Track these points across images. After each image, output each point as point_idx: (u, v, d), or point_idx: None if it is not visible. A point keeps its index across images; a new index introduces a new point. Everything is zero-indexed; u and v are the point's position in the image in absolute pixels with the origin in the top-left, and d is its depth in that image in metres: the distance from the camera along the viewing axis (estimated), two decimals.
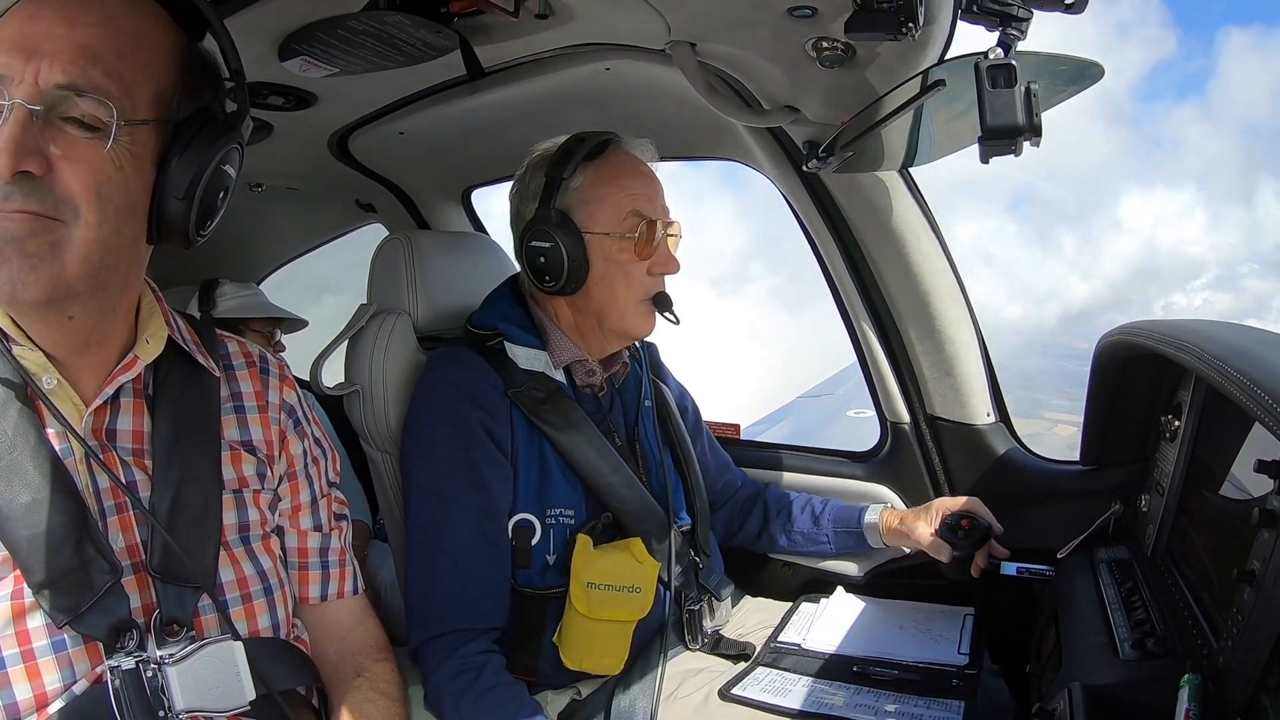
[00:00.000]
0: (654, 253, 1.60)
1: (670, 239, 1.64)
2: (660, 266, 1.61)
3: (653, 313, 1.63)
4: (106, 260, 0.96)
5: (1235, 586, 1.00)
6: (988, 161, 1.08)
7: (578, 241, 1.56)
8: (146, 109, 0.96)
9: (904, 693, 1.53)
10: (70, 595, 0.95)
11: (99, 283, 0.98)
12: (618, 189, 1.58)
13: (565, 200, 1.58)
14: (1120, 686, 1.15)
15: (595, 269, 1.58)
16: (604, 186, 1.58)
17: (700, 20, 1.31)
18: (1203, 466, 1.37)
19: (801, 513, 1.95)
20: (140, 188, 0.97)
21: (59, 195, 0.91)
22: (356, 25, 1.36)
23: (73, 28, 0.91)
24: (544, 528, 1.54)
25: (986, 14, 0.98)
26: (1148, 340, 1.36)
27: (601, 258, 1.57)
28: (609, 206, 1.57)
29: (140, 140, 0.96)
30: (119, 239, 0.97)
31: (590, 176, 1.58)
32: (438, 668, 1.42)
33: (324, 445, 1.34)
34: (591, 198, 1.57)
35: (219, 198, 1.05)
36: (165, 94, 0.98)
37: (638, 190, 1.59)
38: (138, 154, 0.96)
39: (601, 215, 1.57)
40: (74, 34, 0.91)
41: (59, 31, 0.90)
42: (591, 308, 1.62)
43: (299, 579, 1.27)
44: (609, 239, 1.57)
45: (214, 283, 2.80)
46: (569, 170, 1.57)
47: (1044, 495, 1.88)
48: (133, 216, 0.98)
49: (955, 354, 1.86)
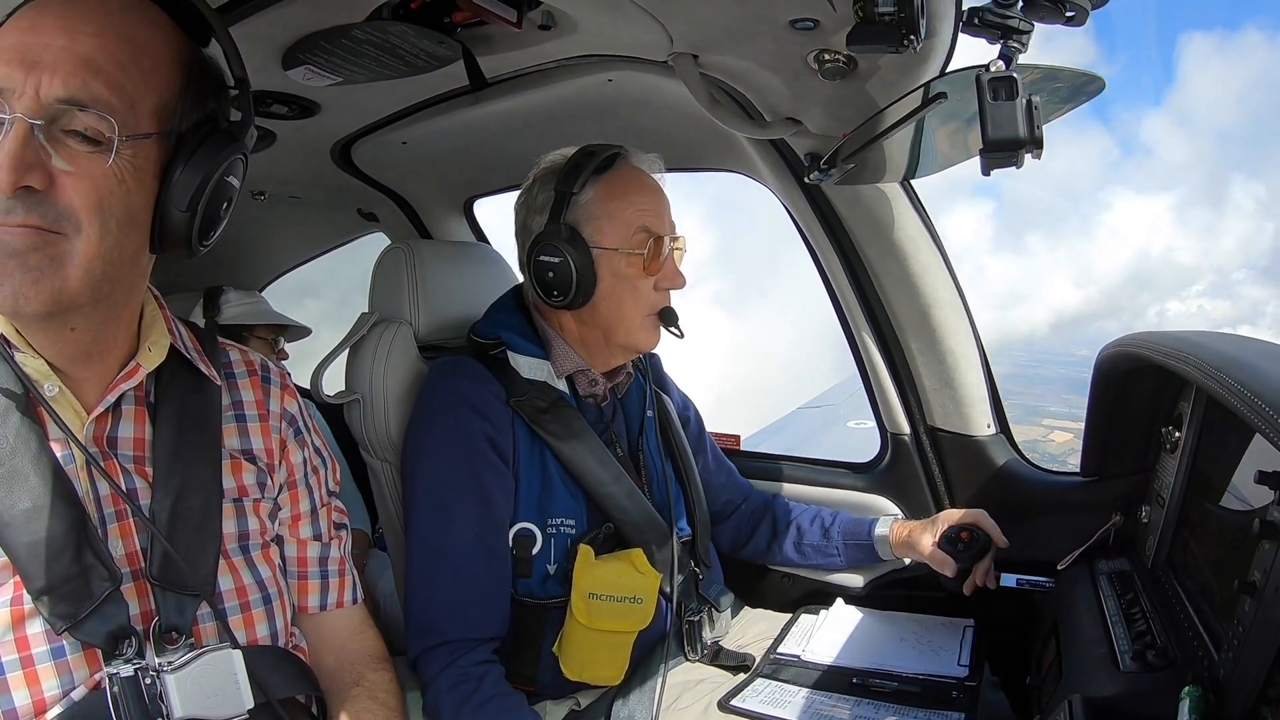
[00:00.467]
0: (661, 268, 1.60)
1: (676, 253, 1.64)
2: (667, 282, 1.61)
3: (658, 327, 1.63)
4: (108, 273, 0.95)
5: (1236, 598, 1.00)
6: (989, 173, 1.09)
7: (586, 257, 1.55)
8: (149, 121, 0.96)
9: (904, 704, 1.52)
10: (69, 602, 0.95)
11: (101, 295, 0.97)
12: (626, 204, 1.57)
13: (574, 215, 1.58)
14: (1121, 699, 1.15)
15: (603, 284, 1.57)
16: (613, 202, 1.57)
17: (703, 32, 1.31)
18: (1203, 478, 1.37)
19: (811, 525, 1.94)
20: (142, 200, 0.97)
21: (60, 209, 0.90)
22: (360, 35, 1.37)
23: (73, 39, 0.90)
24: (545, 537, 1.54)
25: (988, 27, 0.99)
26: (1148, 352, 1.36)
27: (609, 273, 1.57)
28: (618, 222, 1.57)
29: (142, 153, 0.95)
30: (120, 252, 0.96)
31: (599, 191, 1.58)
32: (436, 677, 1.42)
33: (324, 455, 1.34)
34: (600, 213, 1.57)
35: (222, 208, 1.04)
36: (168, 105, 0.98)
37: (646, 205, 1.59)
38: (140, 166, 0.95)
39: (610, 231, 1.57)
40: (74, 45, 0.90)
41: (59, 43, 0.90)
42: (598, 322, 1.62)
43: (298, 588, 1.27)
44: (617, 255, 1.57)
45: (218, 290, 2.81)
46: (579, 185, 1.56)
47: (1044, 506, 1.88)
48: (134, 229, 0.97)
49: (956, 365, 1.86)
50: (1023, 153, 1.04)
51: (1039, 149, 1.03)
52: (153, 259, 1.07)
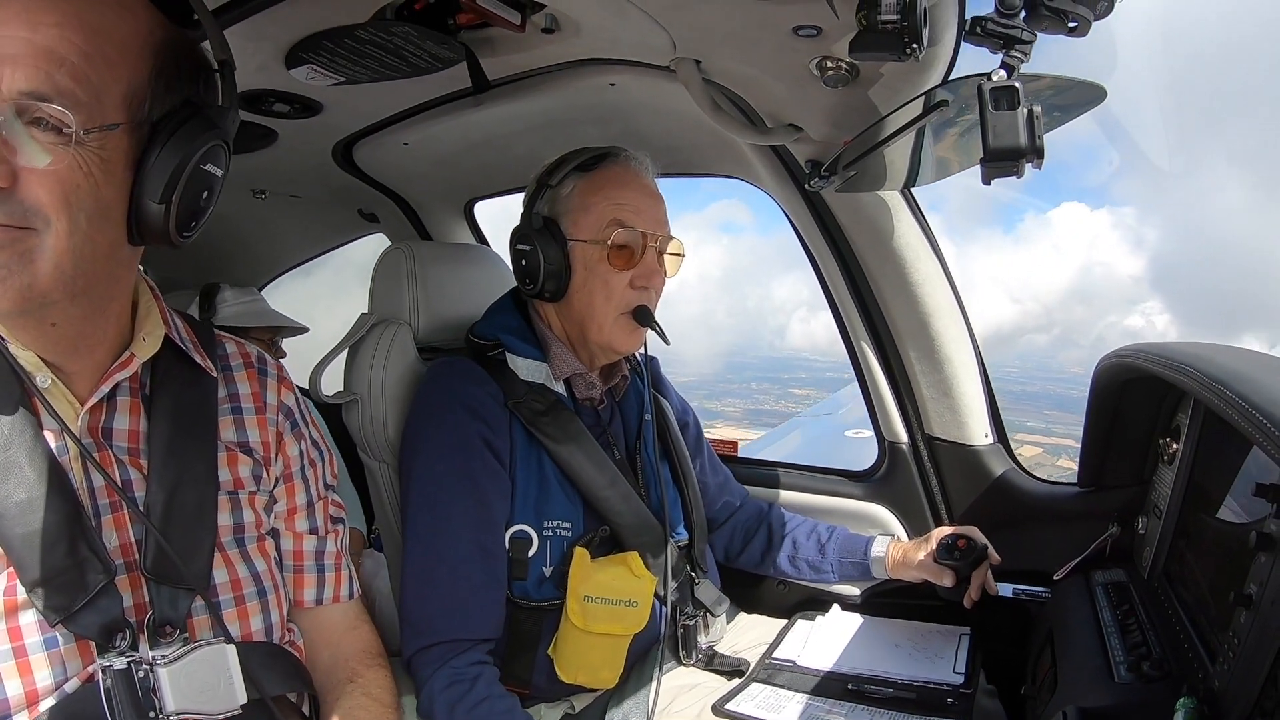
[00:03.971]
0: (634, 264, 1.59)
1: (671, 257, 1.64)
2: (642, 279, 1.60)
3: (635, 328, 1.62)
4: (80, 268, 0.92)
5: (1232, 610, 1.00)
6: (990, 183, 1.09)
7: (560, 248, 1.58)
8: (116, 111, 0.92)
9: (899, 711, 1.52)
10: (63, 594, 0.95)
11: (77, 290, 0.95)
12: (602, 198, 1.59)
13: (554, 208, 1.61)
14: (1115, 710, 1.15)
15: (576, 276, 1.59)
16: (591, 196, 1.59)
17: (705, 37, 1.32)
18: (1200, 489, 1.37)
19: (808, 539, 1.94)
20: (114, 192, 0.93)
21: (27, 205, 0.87)
22: (364, 35, 1.37)
23: (35, 30, 0.87)
24: (541, 540, 1.54)
25: (990, 36, 0.99)
26: (1146, 363, 1.37)
27: (582, 265, 1.59)
28: (592, 215, 1.58)
29: (110, 144, 0.91)
30: (93, 247, 0.93)
31: (580, 185, 1.60)
32: (431, 678, 1.42)
33: (321, 448, 1.33)
34: (577, 206, 1.59)
35: (202, 197, 1.00)
36: (137, 93, 0.94)
37: (624, 200, 1.59)
38: (108, 158, 0.91)
39: (584, 223, 1.58)
40: (36, 37, 0.86)
41: (21, 35, 0.86)
42: (574, 316, 1.63)
43: (294, 582, 1.27)
44: (589, 246, 1.58)
45: (215, 288, 2.80)
46: (557, 179, 1.60)
47: (1041, 516, 1.88)
48: (107, 223, 0.94)
49: (954, 374, 1.87)
50: (1024, 162, 1.04)
51: (1040, 158, 1.03)
52: (138, 251, 1.04)
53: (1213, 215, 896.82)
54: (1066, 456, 16.56)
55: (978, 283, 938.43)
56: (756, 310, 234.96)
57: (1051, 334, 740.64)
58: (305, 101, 1.78)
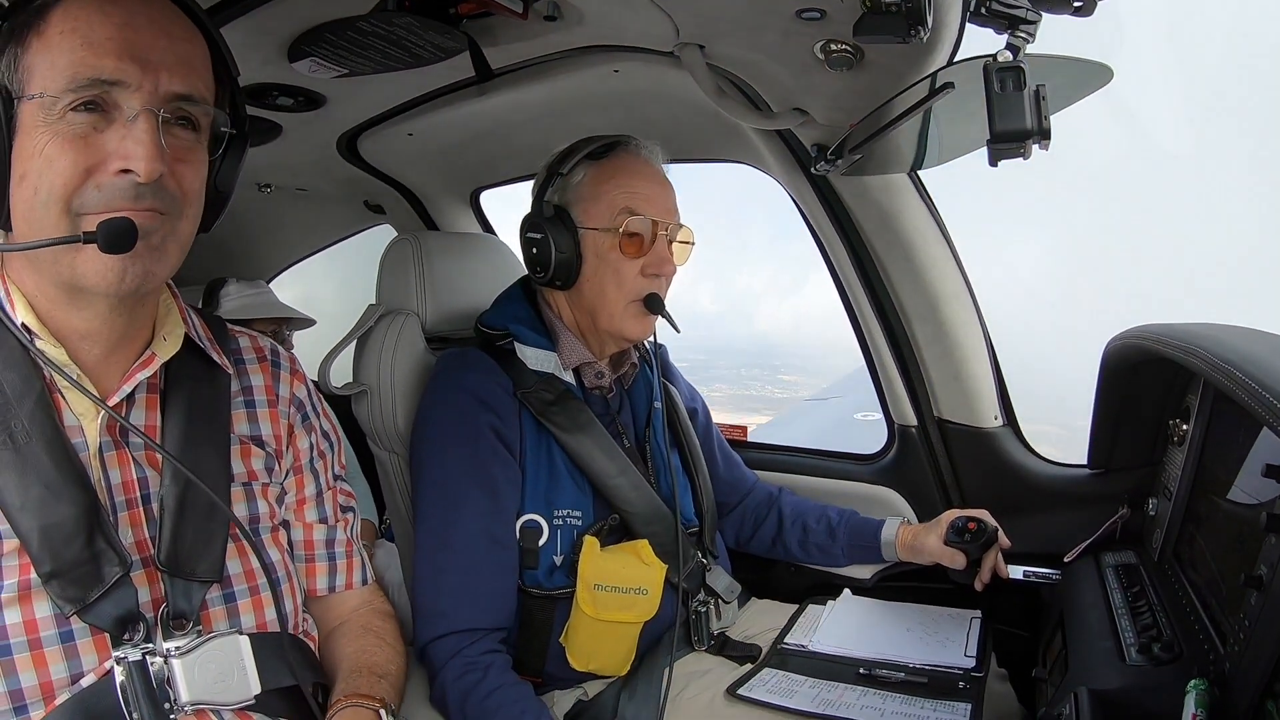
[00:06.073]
0: (645, 252, 1.59)
1: (680, 245, 1.64)
2: (653, 267, 1.60)
3: (646, 315, 1.62)
4: (182, 256, 1.05)
5: (1242, 592, 1.00)
6: (996, 164, 1.08)
7: (571, 236, 1.58)
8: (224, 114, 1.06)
9: (911, 695, 1.52)
10: (79, 587, 0.97)
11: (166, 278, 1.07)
12: (613, 186, 1.59)
13: (565, 196, 1.61)
14: (1126, 691, 1.15)
15: (587, 264, 1.59)
16: (602, 184, 1.59)
17: (709, 22, 1.31)
18: (1211, 471, 1.36)
19: (818, 524, 1.94)
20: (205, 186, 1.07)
21: (172, 193, 0.99)
22: (366, 27, 1.37)
23: (172, 40, 0.98)
24: (551, 529, 1.55)
25: (995, 17, 0.98)
26: (1156, 344, 1.36)
27: (593, 254, 1.59)
28: (603, 203, 1.58)
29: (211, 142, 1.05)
30: (192, 236, 1.06)
31: (590, 174, 1.60)
32: (444, 666, 1.43)
33: (332, 438, 1.35)
34: (588, 194, 1.59)
35: (232, 189, 1.13)
36: (220, 100, 1.08)
37: (635, 189, 1.59)
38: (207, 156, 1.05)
39: (595, 211, 1.58)
40: (175, 46, 0.98)
41: (162, 43, 0.97)
42: (585, 305, 1.63)
43: (306, 571, 1.29)
44: (600, 234, 1.58)
45: (219, 282, 2.80)
46: (568, 166, 1.60)
47: (1051, 499, 1.87)
48: (201, 213, 1.07)
49: (964, 357, 1.86)
50: (1030, 143, 1.03)
51: (1046, 139, 1.03)
52: None
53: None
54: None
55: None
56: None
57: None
58: (309, 94, 1.78)
